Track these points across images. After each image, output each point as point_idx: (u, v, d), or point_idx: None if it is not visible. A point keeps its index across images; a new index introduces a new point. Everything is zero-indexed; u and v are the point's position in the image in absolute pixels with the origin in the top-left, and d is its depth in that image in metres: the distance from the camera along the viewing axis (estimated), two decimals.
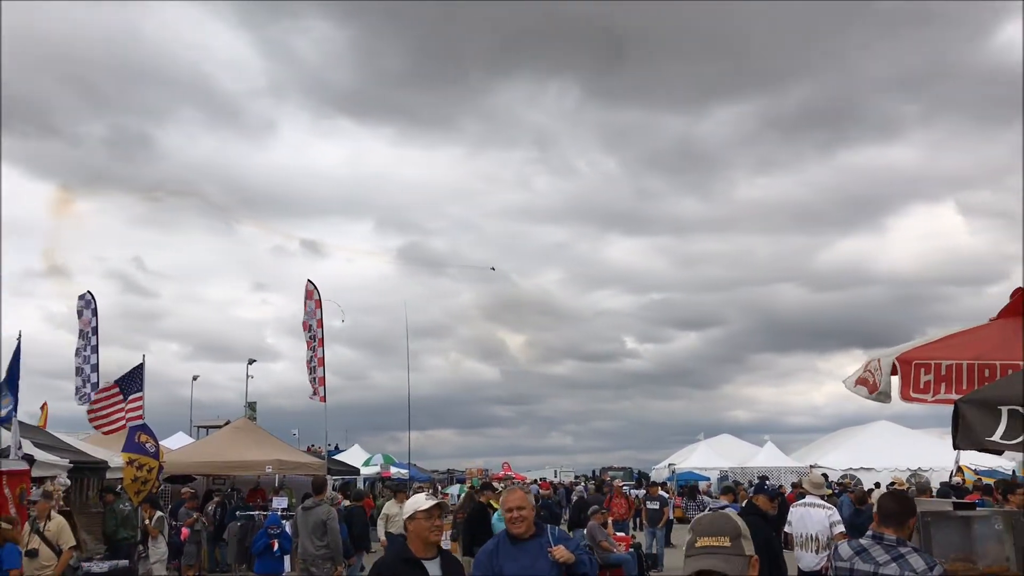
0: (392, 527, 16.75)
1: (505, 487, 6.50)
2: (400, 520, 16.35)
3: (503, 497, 5.60)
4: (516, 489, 5.71)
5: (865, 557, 4.99)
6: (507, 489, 5.82)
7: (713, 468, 42.15)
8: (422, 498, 5.18)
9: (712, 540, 2.78)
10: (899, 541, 4.84)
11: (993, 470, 32.09)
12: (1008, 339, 6.38)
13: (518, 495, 5.54)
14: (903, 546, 4.80)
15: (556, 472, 65.84)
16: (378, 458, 38.99)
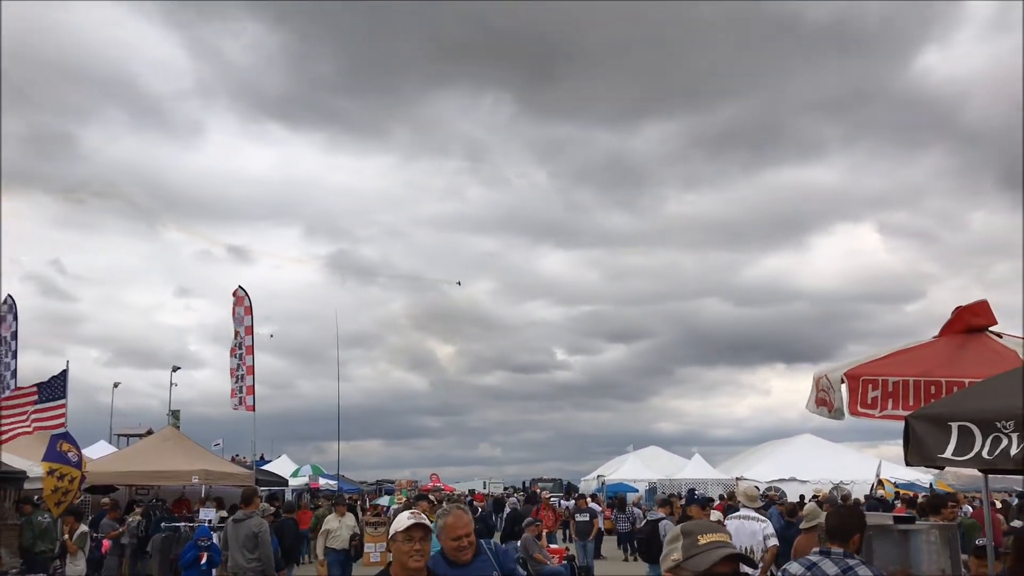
0: (333, 542, 16.09)
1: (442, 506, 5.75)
2: (341, 535, 15.97)
3: (446, 521, 5.01)
4: (460, 513, 5.11)
5: (816, 572, 5.03)
6: (449, 512, 5.09)
7: (642, 480, 42.51)
8: (404, 517, 4.52)
9: (717, 536, 2.66)
10: (847, 554, 4.89)
11: (912, 483, 33.06)
12: (952, 357, 6.54)
13: (464, 520, 5.04)
14: (851, 559, 4.85)
15: (485, 483, 65.68)
16: (307, 469, 38.34)
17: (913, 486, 32.97)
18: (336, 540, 16.07)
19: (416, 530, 4.41)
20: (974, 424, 4.72)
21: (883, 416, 6.28)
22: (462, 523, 4.98)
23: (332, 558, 15.95)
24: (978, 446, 4.65)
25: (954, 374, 6.21)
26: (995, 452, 4.56)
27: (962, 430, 4.74)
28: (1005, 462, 4.52)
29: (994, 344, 6.75)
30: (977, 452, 4.65)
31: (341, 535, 16.16)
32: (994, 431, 4.61)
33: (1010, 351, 6.52)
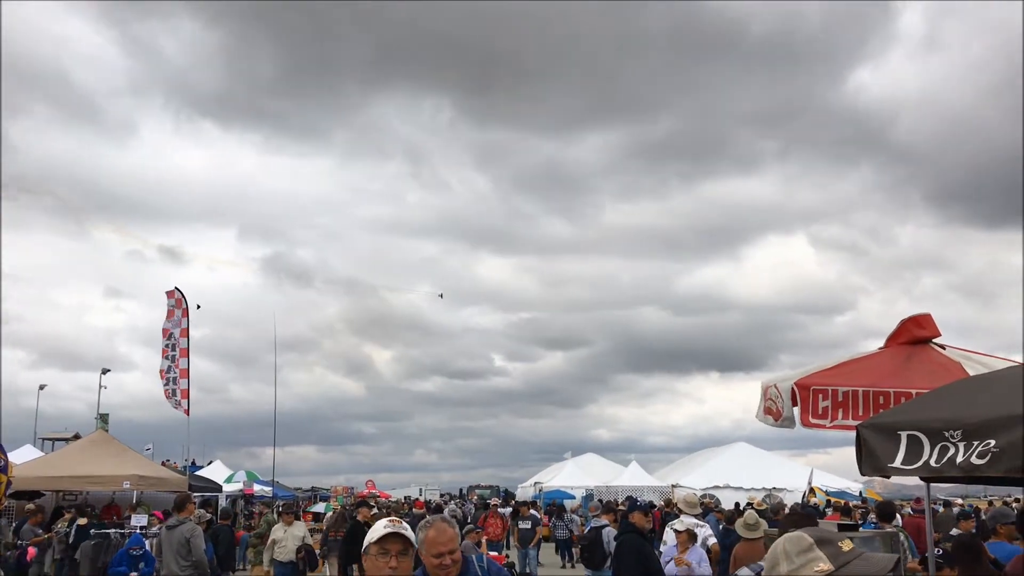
0: (280, 554, 15.04)
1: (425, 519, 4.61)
2: (287, 546, 15.10)
3: (427, 535, 4.21)
4: (444, 525, 4.29)
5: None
6: (431, 523, 4.31)
7: (580, 487, 42.71)
8: (380, 525, 3.85)
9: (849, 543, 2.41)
10: None
11: (842, 491, 33.83)
12: (899, 368, 6.70)
13: (449, 534, 4.23)
14: None
15: (421, 490, 65.19)
16: (241, 475, 37.66)
17: (843, 494, 33.73)
18: (282, 552, 15.02)
19: (393, 542, 3.74)
20: (922, 433, 4.84)
21: (834, 426, 6.40)
22: (446, 537, 4.22)
23: (278, 572, 15.03)
24: (926, 455, 4.76)
25: (901, 385, 6.37)
26: (942, 460, 4.67)
27: (911, 439, 4.85)
28: (952, 470, 4.64)
29: (938, 356, 6.94)
30: (925, 461, 4.76)
31: (287, 546, 15.13)
32: (941, 440, 4.73)
33: (954, 363, 6.71)
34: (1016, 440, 4.36)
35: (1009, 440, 4.39)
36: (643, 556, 10.11)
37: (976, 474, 4.56)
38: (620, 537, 10.58)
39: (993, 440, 4.46)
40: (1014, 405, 4.58)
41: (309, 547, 15.63)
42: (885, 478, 5.19)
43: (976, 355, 6.92)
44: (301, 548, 15.18)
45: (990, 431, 4.51)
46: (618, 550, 10.36)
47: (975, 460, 4.50)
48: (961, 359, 6.76)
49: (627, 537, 10.38)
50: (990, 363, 6.61)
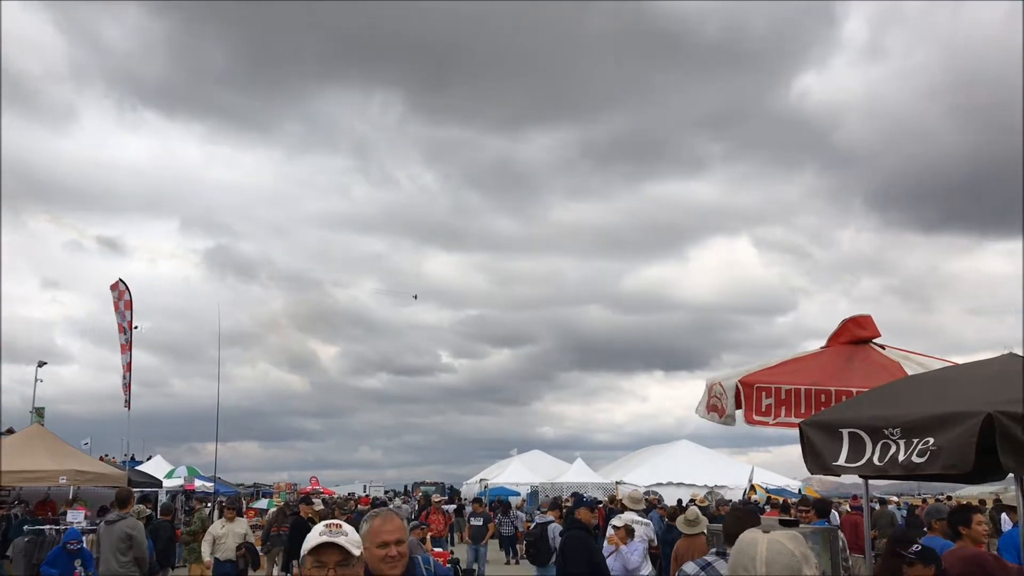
0: (220, 551, 14.43)
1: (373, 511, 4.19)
2: (227, 543, 14.40)
3: (371, 524, 3.92)
4: (391, 514, 4.02)
5: (710, 571, 5.20)
6: (376, 514, 4.01)
7: (525, 483, 42.86)
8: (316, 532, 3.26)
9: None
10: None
11: (782, 488, 34.47)
12: (840, 367, 6.84)
13: (395, 524, 3.95)
14: None
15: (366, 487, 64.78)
16: (182, 470, 37.01)
17: (783, 491, 34.37)
18: (221, 549, 14.45)
19: (329, 553, 3.17)
20: (863, 431, 4.95)
21: (777, 423, 6.51)
22: (391, 526, 3.91)
23: (217, 571, 14.43)
24: (869, 453, 4.87)
25: (843, 384, 6.51)
26: (885, 458, 4.79)
27: (852, 437, 4.96)
28: (895, 468, 4.75)
29: (878, 356, 7.11)
30: (868, 459, 4.87)
31: (227, 543, 14.53)
32: (882, 438, 4.84)
33: (893, 363, 6.87)
34: (954, 438, 4.49)
35: (947, 438, 4.52)
36: (589, 552, 10.17)
37: (917, 472, 4.68)
38: (566, 533, 10.63)
39: (932, 438, 4.58)
40: (951, 403, 4.71)
41: (250, 544, 15.14)
42: (835, 476, 5.30)
43: (915, 355, 7.11)
44: (242, 545, 14.71)
45: (929, 429, 4.63)
46: (563, 546, 10.41)
47: (915, 458, 4.61)
48: (900, 359, 6.93)
49: (573, 533, 10.43)
50: (928, 363, 6.79)
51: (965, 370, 5.69)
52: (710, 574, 5.23)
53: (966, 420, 4.47)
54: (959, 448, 4.44)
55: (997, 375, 4.97)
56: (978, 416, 4.43)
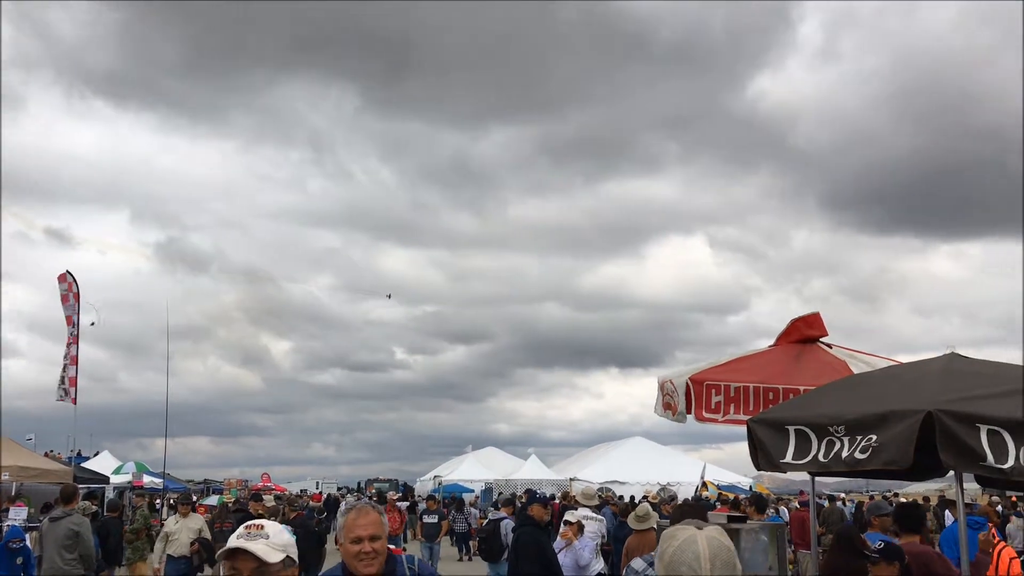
0: (173, 548, 13.92)
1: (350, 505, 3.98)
2: (181, 539, 13.94)
3: (346, 518, 3.71)
4: (367, 509, 3.75)
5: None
6: (352, 507, 3.78)
7: (479, 480, 42.85)
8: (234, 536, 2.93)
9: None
10: None
11: (733, 485, 34.89)
12: (788, 365, 6.95)
13: (370, 518, 3.68)
14: None
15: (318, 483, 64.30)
16: (130, 466, 36.37)
17: (734, 488, 34.80)
18: (175, 545, 13.91)
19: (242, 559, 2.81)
20: (809, 428, 5.03)
21: (726, 420, 6.59)
22: (366, 520, 3.66)
23: (170, 568, 13.88)
24: (814, 450, 4.95)
25: (790, 382, 6.61)
26: (830, 455, 4.87)
27: (799, 434, 5.04)
28: (838, 464, 4.84)
29: (825, 355, 7.23)
30: (814, 455, 4.95)
31: (180, 539, 14.02)
32: (827, 435, 4.93)
33: (840, 361, 7.00)
34: (894, 435, 4.58)
35: (889, 435, 4.61)
36: (540, 548, 10.19)
37: (859, 468, 4.77)
38: (518, 530, 10.64)
39: (874, 435, 4.67)
40: (893, 401, 4.81)
41: (205, 540, 14.51)
42: (781, 472, 5.38)
43: (861, 354, 7.25)
44: (195, 540, 14.17)
45: (871, 427, 4.72)
46: (515, 542, 10.41)
47: (858, 455, 4.70)
48: (846, 358, 7.06)
49: (525, 529, 10.43)
50: (874, 362, 6.93)
51: (908, 369, 5.81)
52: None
53: (907, 418, 4.57)
54: (899, 445, 4.53)
55: (939, 374, 5.08)
56: (918, 414, 4.53)
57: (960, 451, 4.50)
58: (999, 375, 5.04)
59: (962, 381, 4.91)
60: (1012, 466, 4.44)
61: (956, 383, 4.87)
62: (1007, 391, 4.74)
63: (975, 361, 5.43)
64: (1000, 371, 5.17)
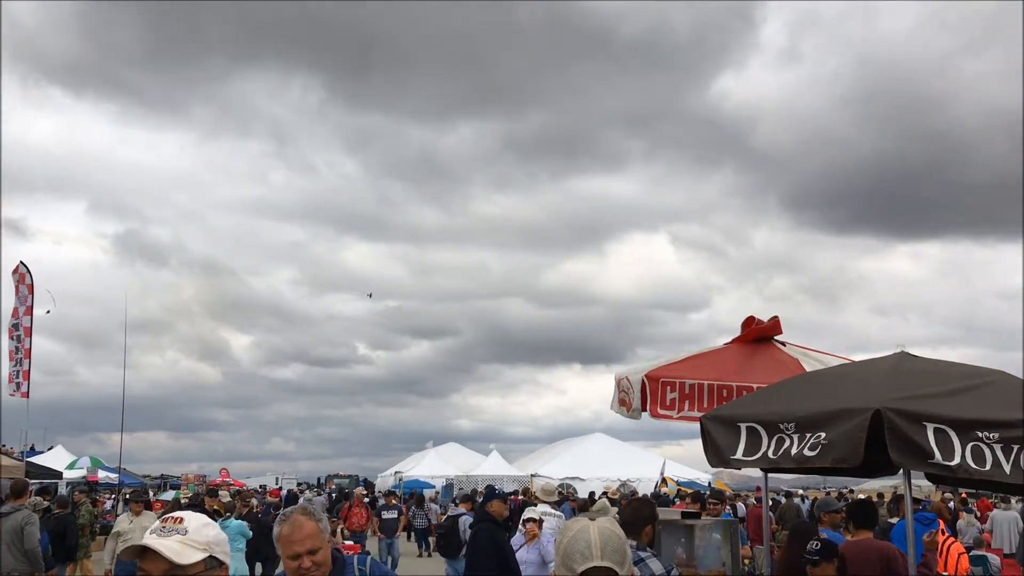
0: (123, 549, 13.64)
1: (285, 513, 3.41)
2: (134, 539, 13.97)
3: (280, 530, 3.33)
4: (301, 519, 3.32)
5: None
6: (285, 519, 3.36)
7: (440, 476, 42.79)
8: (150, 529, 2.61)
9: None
10: (639, 547, 5.06)
11: (692, 481, 35.14)
12: (742, 363, 7.01)
13: (306, 530, 3.28)
14: (643, 551, 5.03)
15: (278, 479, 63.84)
16: (84, 461, 35.83)
17: (693, 484, 35.06)
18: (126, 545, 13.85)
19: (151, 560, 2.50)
20: (760, 425, 5.08)
21: (680, 417, 6.64)
22: (302, 533, 3.28)
23: (121, 569, 13.00)
24: (765, 446, 5.00)
25: (744, 379, 6.68)
26: (779, 452, 4.92)
27: (750, 431, 5.09)
28: (787, 461, 4.89)
29: (779, 353, 7.32)
30: (764, 452, 5.00)
31: (133, 539, 13.81)
32: (778, 432, 4.98)
33: (792, 359, 7.08)
34: (843, 432, 4.64)
35: (837, 433, 4.67)
36: (498, 545, 10.20)
37: (808, 465, 4.83)
38: (476, 526, 10.64)
39: (823, 432, 4.73)
40: (842, 400, 4.87)
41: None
42: (736, 469, 5.42)
43: (813, 352, 7.35)
44: None
45: (821, 424, 4.78)
46: (472, 538, 10.41)
47: (807, 452, 4.76)
48: (799, 356, 7.15)
49: (482, 526, 10.44)
50: (826, 360, 7.03)
51: (859, 367, 5.89)
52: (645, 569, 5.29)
53: (855, 416, 4.63)
54: (848, 442, 4.59)
55: (888, 373, 5.15)
56: (867, 412, 4.59)
57: (908, 449, 4.57)
58: (947, 374, 5.13)
59: (910, 380, 4.99)
60: (959, 464, 4.51)
61: (904, 382, 4.94)
62: (954, 390, 4.82)
63: (924, 360, 5.51)
64: (948, 370, 5.27)
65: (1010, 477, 4.49)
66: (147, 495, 16.72)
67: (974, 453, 4.51)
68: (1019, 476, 4.47)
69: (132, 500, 14.56)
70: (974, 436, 4.52)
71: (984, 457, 4.51)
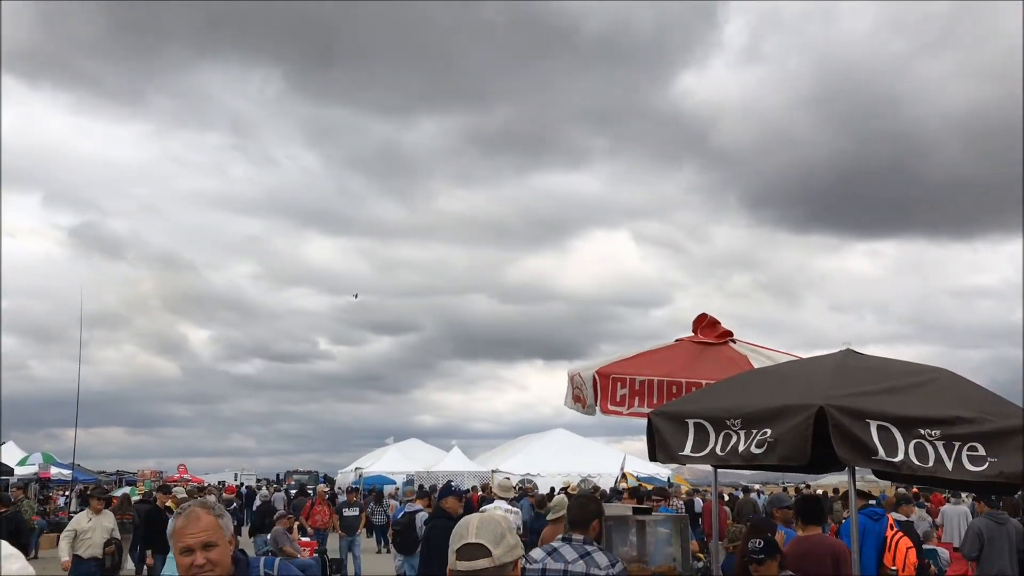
0: (82, 548, 12.37)
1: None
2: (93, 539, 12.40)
3: (175, 527, 3.05)
4: (199, 512, 3.07)
5: (556, 557, 5.29)
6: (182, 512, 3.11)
7: (401, 472, 42.60)
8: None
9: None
10: (586, 541, 5.15)
11: (652, 476, 35.36)
12: (693, 360, 7.03)
13: (202, 523, 3.01)
14: (589, 545, 5.12)
15: (237, 475, 63.19)
16: (36, 457, 35.23)
17: (653, 479, 35.28)
18: (85, 545, 12.37)
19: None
20: (707, 422, 5.09)
21: (630, 413, 6.64)
22: (197, 526, 3.00)
23: (80, 570, 12.39)
24: (712, 443, 5.01)
25: (694, 376, 6.70)
26: (726, 448, 4.93)
27: (697, 427, 5.09)
28: (735, 458, 4.90)
29: (728, 350, 7.36)
30: (711, 449, 5.01)
31: (93, 539, 12.46)
32: (725, 428, 4.99)
33: (742, 356, 7.13)
34: (788, 430, 4.66)
35: (783, 430, 4.68)
36: None
37: (755, 462, 4.85)
38: (431, 522, 10.59)
39: (769, 429, 4.74)
40: (787, 396, 4.89)
41: (119, 540, 13.49)
42: (680, 464, 5.42)
43: (763, 349, 7.40)
44: (111, 541, 12.86)
45: (766, 421, 4.79)
46: (427, 535, 10.37)
47: (754, 449, 4.76)
48: (749, 353, 7.19)
49: (437, 522, 10.39)
50: (775, 357, 7.08)
51: (805, 364, 5.93)
52: (556, 559, 5.29)
53: (800, 413, 4.65)
54: (794, 440, 4.61)
55: (833, 369, 5.18)
56: (810, 409, 4.61)
57: (853, 446, 4.60)
58: (889, 371, 5.18)
59: (854, 377, 5.02)
60: (902, 460, 4.55)
61: (848, 379, 4.98)
62: (896, 387, 4.87)
63: (868, 357, 5.55)
64: (891, 367, 5.31)
65: (952, 473, 4.53)
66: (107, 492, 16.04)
67: (917, 450, 4.55)
68: (961, 472, 4.52)
69: (93, 497, 13.55)
70: (917, 433, 4.56)
71: (927, 454, 4.55)
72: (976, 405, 4.76)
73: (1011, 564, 9.64)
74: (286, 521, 16.39)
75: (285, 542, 15.81)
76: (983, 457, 4.51)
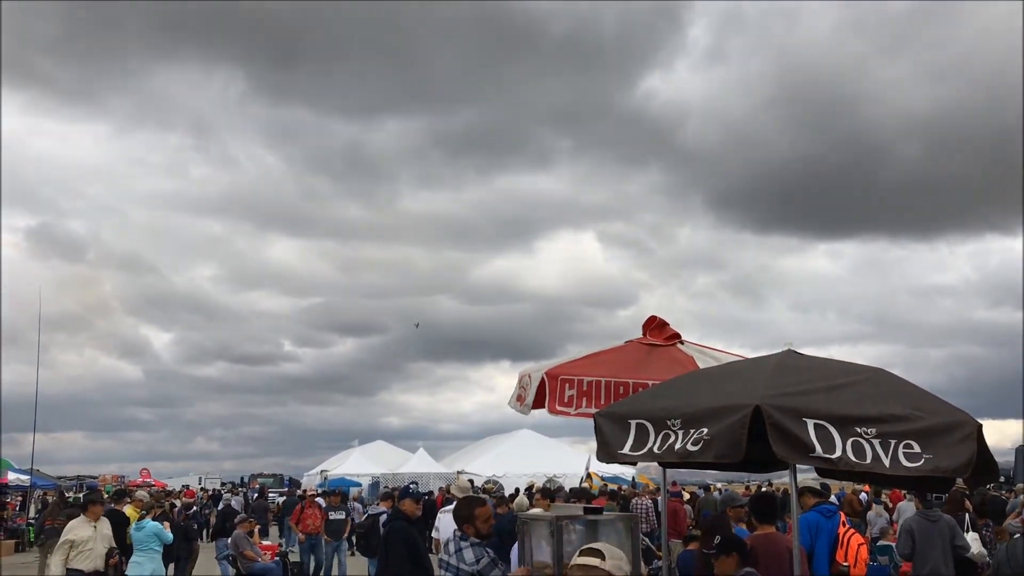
0: (80, 560, 10.91)
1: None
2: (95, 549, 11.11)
3: None
4: None
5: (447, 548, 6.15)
6: None
7: (366, 474, 42.50)
8: None
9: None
10: (462, 537, 5.98)
11: (617, 476, 35.55)
12: (640, 361, 7.12)
13: None
14: (464, 540, 5.94)
15: (201, 479, 62.65)
16: None
17: (618, 479, 35.50)
18: (84, 558, 10.93)
19: None
20: (648, 422, 5.17)
21: (578, 414, 6.72)
22: None
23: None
24: (651, 442, 5.09)
25: (641, 376, 6.79)
26: (664, 447, 5.01)
27: (639, 427, 5.17)
28: (671, 456, 4.98)
29: (675, 351, 7.45)
30: (650, 447, 5.09)
31: (95, 549, 11.07)
32: (664, 428, 5.07)
33: (688, 357, 7.23)
34: (724, 428, 4.74)
35: (719, 428, 4.77)
36: (410, 543, 10.18)
37: (691, 460, 4.92)
38: (388, 524, 10.61)
39: (706, 428, 4.83)
40: (726, 396, 4.98)
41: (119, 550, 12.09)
42: (620, 463, 5.50)
43: (709, 350, 7.51)
44: (113, 551, 11.57)
45: (704, 420, 4.88)
46: (386, 537, 10.39)
47: (691, 447, 4.85)
48: (695, 353, 7.30)
49: (395, 524, 10.41)
50: (721, 357, 7.18)
51: (746, 365, 6.03)
52: (460, 558, 5.90)
53: (736, 411, 4.74)
54: (730, 438, 4.69)
55: (773, 369, 5.27)
56: (747, 408, 4.70)
57: (790, 443, 4.68)
58: (826, 371, 5.29)
59: (792, 376, 5.12)
60: (840, 457, 4.64)
61: (786, 378, 5.07)
62: (832, 386, 4.96)
63: (807, 357, 5.67)
64: (829, 367, 5.43)
65: (889, 470, 4.63)
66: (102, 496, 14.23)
67: (855, 447, 4.64)
68: (898, 468, 4.62)
69: (92, 502, 11.86)
70: (853, 432, 4.65)
71: (864, 451, 4.65)
72: (910, 403, 4.87)
73: (944, 562, 9.80)
74: (247, 525, 16.30)
75: (246, 546, 15.73)
76: (918, 454, 4.61)
